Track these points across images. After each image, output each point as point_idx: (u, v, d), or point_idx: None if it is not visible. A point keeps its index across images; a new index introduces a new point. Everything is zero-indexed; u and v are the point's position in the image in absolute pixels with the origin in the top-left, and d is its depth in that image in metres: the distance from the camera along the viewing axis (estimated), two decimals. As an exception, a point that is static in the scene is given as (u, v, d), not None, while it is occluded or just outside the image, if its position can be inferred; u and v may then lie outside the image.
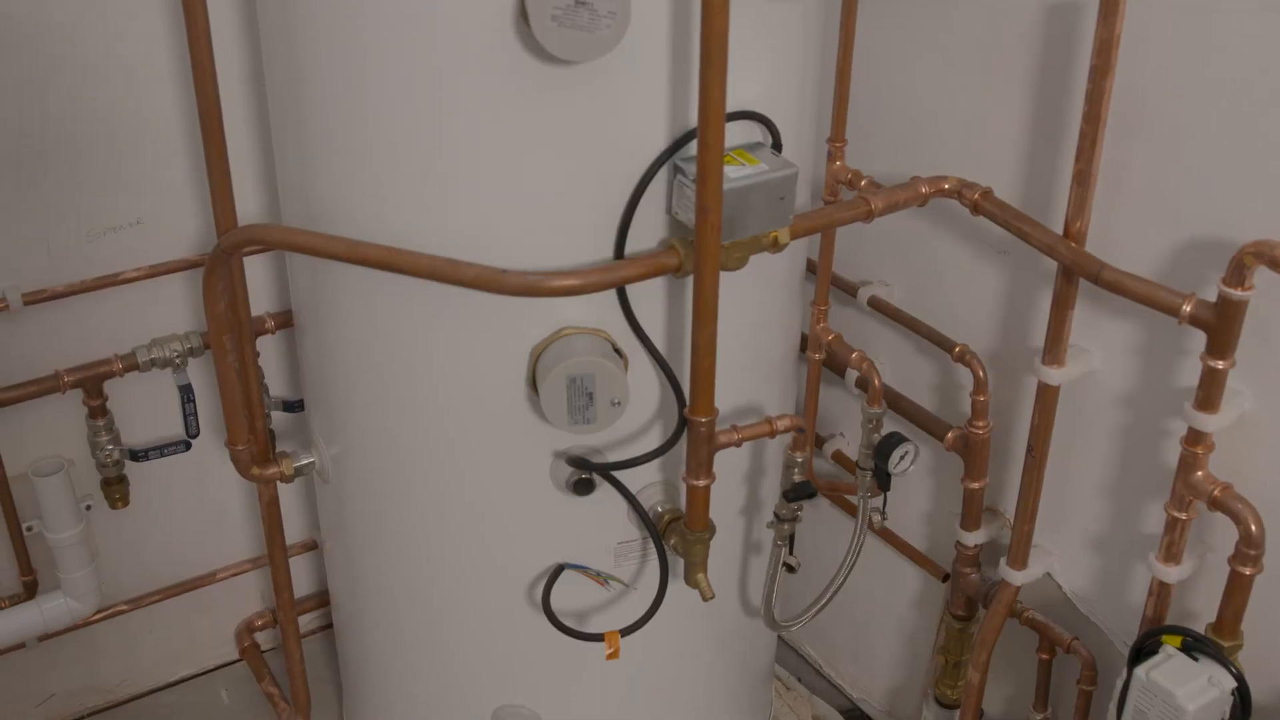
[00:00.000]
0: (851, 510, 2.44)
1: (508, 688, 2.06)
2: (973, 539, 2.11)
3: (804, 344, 2.18)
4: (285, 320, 2.37)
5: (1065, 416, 1.89)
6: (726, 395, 1.71)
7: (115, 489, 2.39)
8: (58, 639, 2.53)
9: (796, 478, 2.02)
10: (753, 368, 1.91)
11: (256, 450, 2.03)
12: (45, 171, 2.13)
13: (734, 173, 1.57)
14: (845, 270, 2.26)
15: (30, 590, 2.40)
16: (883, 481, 2.09)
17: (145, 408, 2.40)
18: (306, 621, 2.78)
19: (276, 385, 2.47)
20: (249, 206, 2.07)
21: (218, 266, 1.79)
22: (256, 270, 2.31)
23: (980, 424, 2.00)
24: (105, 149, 2.16)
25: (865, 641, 2.62)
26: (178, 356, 2.29)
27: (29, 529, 2.34)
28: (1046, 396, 1.86)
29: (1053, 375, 1.84)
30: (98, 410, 2.30)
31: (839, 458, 2.41)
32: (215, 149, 1.84)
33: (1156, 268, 1.74)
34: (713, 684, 2.24)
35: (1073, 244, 1.73)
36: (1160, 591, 1.81)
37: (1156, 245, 1.75)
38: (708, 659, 2.20)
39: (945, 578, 2.28)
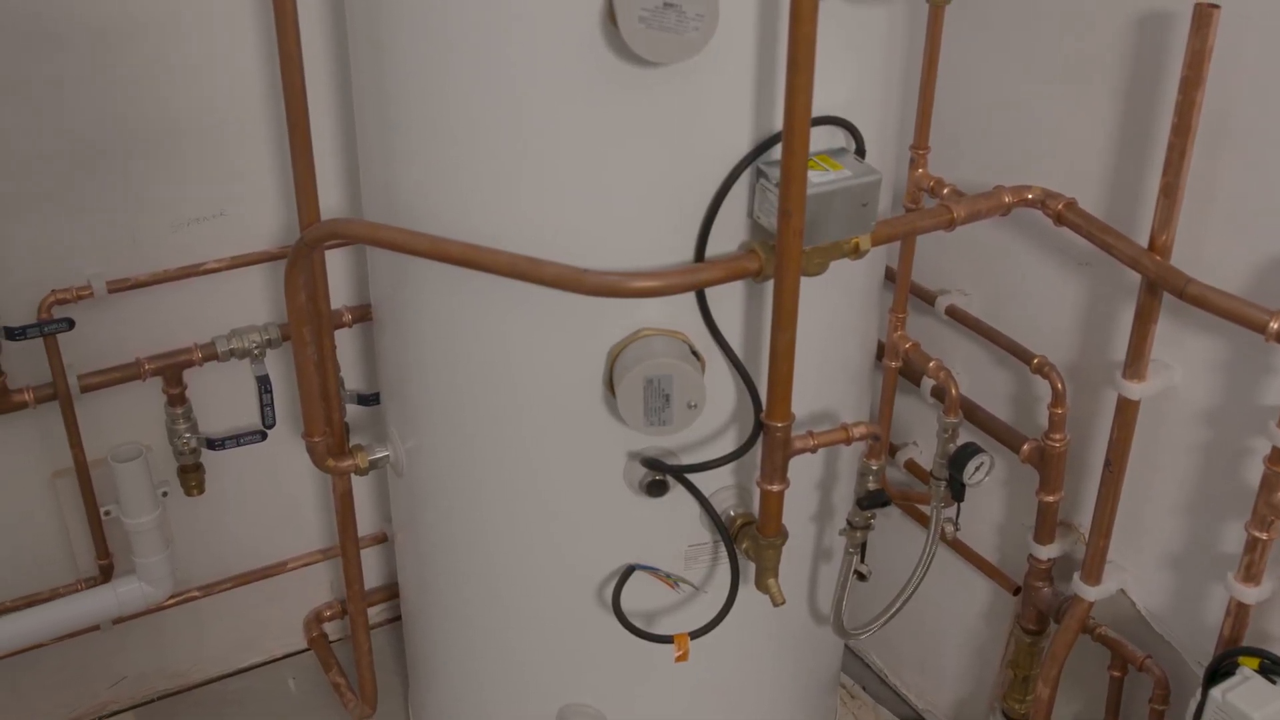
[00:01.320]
0: (922, 520, 2.43)
1: (574, 687, 2.06)
2: (1046, 553, 2.09)
3: (880, 351, 2.17)
4: (362, 314, 2.39)
5: (1144, 431, 1.87)
6: (802, 401, 1.70)
7: (191, 476, 2.43)
8: (131, 623, 2.57)
9: (871, 485, 2.01)
10: (829, 374, 1.90)
11: (332, 442, 2.05)
12: (133, 163, 2.16)
13: (817, 178, 1.56)
14: (923, 278, 2.25)
15: (106, 573, 2.44)
16: (956, 492, 2.07)
17: (223, 397, 2.43)
18: (374, 613, 2.80)
19: (351, 379, 2.50)
20: (330, 201, 2.09)
21: (300, 260, 1.81)
22: (335, 264, 2.33)
23: (1057, 437, 1.98)
24: (192, 142, 2.19)
25: (932, 652, 2.60)
26: (256, 347, 2.32)
27: (107, 513, 2.38)
28: (1126, 411, 1.84)
29: (1133, 390, 1.82)
30: (176, 398, 2.33)
31: (912, 467, 2.39)
32: (300, 143, 1.86)
33: (1244, 283, 1.72)
34: (778, 690, 2.24)
35: (1158, 257, 1.71)
36: (1238, 612, 1.78)
37: (1244, 260, 1.72)
38: (774, 664, 2.19)
39: (1016, 591, 2.26)
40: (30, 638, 2.40)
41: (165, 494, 2.40)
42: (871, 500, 1.99)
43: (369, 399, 2.47)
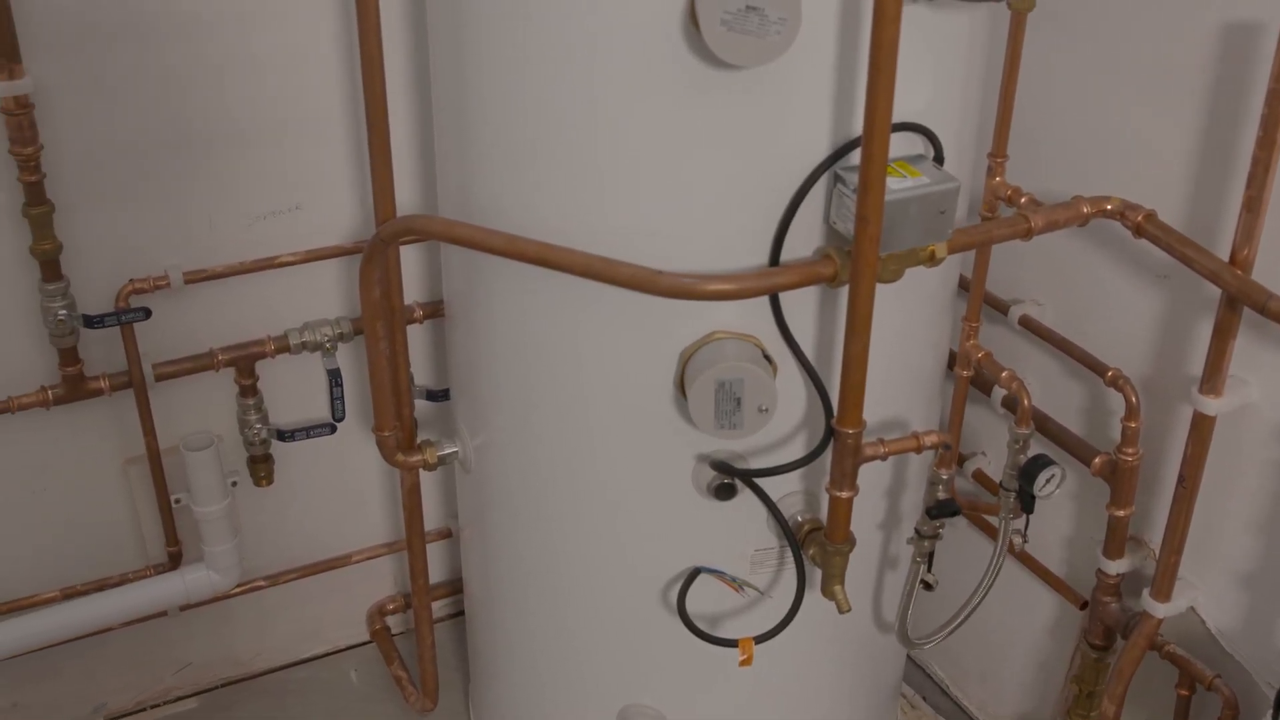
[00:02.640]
0: (989, 530, 2.41)
1: (635, 687, 2.06)
2: (1115, 568, 2.06)
3: (951, 360, 2.15)
4: (432, 311, 2.41)
5: (1219, 448, 1.84)
6: (872, 407, 1.69)
7: (261, 467, 2.45)
8: (197, 610, 2.60)
9: (940, 495, 2.00)
10: (900, 381, 1.89)
11: (402, 437, 2.06)
12: (213, 156, 2.18)
13: (895, 184, 1.55)
14: (997, 287, 2.23)
15: (175, 560, 2.47)
16: (1026, 504, 2.05)
17: (293, 389, 2.46)
18: (436, 608, 2.82)
19: (420, 374, 2.51)
20: (404, 197, 2.10)
21: (375, 255, 1.82)
22: (407, 260, 2.34)
23: (1130, 451, 1.96)
24: (270, 136, 2.21)
25: (995, 664, 2.58)
26: (328, 341, 2.34)
27: (177, 501, 2.41)
28: (1202, 427, 1.82)
29: (1210, 405, 1.80)
30: (248, 389, 2.36)
31: (980, 477, 2.38)
32: (379, 139, 1.87)
33: (1327, 300, 1.69)
34: (839, 697, 2.22)
35: (1239, 272, 1.68)
36: (1312, 633, 1.76)
37: (1328, 277, 1.70)
38: (836, 672, 2.18)
39: (1083, 605, 2.23)
40: (99, 621, 2.43)
41: (235, 484, 2.43)
42: (941, 510, 1.98)
43: (437, 395, 2.48)
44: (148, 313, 2.21)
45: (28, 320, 2.17)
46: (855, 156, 1.55)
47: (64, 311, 2.11)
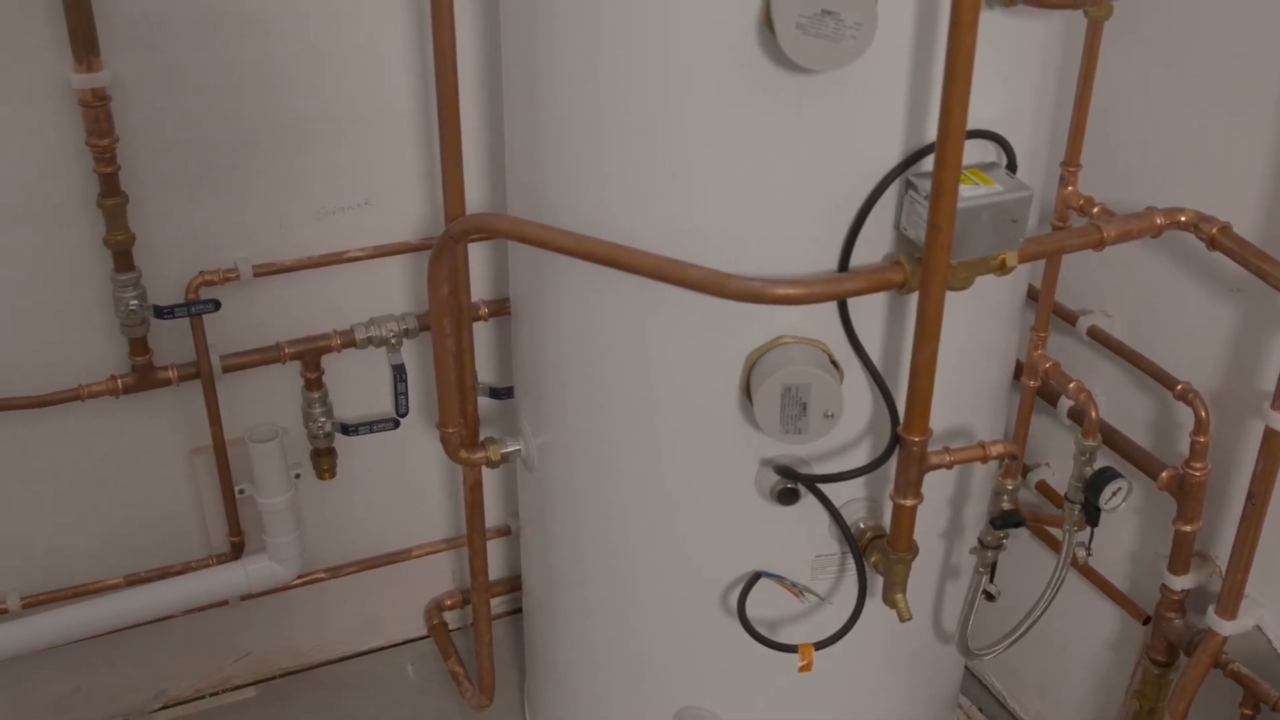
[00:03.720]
0: (1051, 542, 2.39)
1: (692, 690, 2.06)
2: (1180, 583, 2.04)
3: (1018, 370, 2.14)
4: (497, 309, 2.41)
5: (1291, 465, 1.82)
6: (938, 415, 1.68)
7: (324, 460, 2.47)
8: (258, 600, 2.62)
9: (1005, 505, 1.99)
10: (966, 390, 1.88)
11: (466, 434, 2.07)
12: (284, 150, 2.20)
13: (968, 191, 1.54)
14: (1066, 298, 2.21)
15: (237, 551, 2.50)
16: (1091, 517, 2.03)
17: (358, 384, 2.47)
18: (494, 605, 2.81)
19: (482, 372, 2.52)
20: (471, 195, 2.11)
21: (444, 252, 1.83)
22: (473, 258, 2.35)
23: (1198, 465, 1.94)
24: (340, 132, 2.23)
25: (1054, 677, 2.56)
26: (394, 336, 2.35)
27: (241, 492, 2.43)
28: (1273, 443, 1.79)
29: (1282, 421, 1.77)
30: (314, 383, 2.38)
31: (1043, 488, 2.36)
32: (450, 136, 1.88)
33: (1405, 318, 1.67)
34: (896, 705, 2.21)
35: (1316, 287, 1.66)
36: (1382, 656, 1.73)
37: (1407, 294, 1.67)
38: (895, 680, 2.17)
39: (1146, 620, 2.21)
40: (162, 609, 2.46)
41: (298, 476, 2.45)
42: (1005, 520, 1.96)
43: (500, 392, 2.49)
44: (217, 304, 2.23)
45: (100, 310, 2.20)
46: (928, 163, 1.55)
47: (135, 302, 2.14)
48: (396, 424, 2.49)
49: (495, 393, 2.49)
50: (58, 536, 2.40)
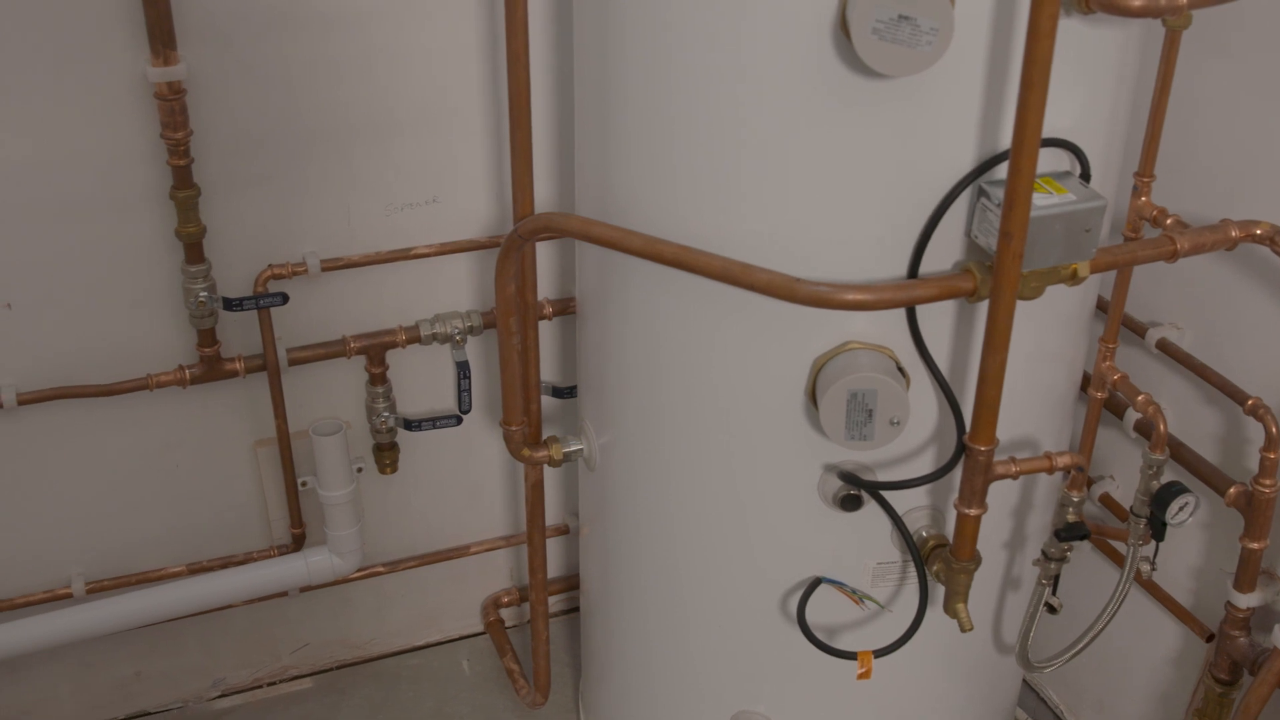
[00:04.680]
0: (1114, 555, 2.37)
1: (749, 694, 2.05)
2: (1246, 601, 2.01)
3: (1085, 381, 2.12)
4: (562, 308, 2.42)
5: (1364, 484, 1.80)
6: (1004, 425, 1.66)
7: (386, 455, 2.49)
8: (317, 592, 2.65)
9: (1070, 517, 1.97)
10: (1033, 400, 1.86)
11: (529, 432, 2.08)
12: (354, 146, 2.22)
13: (1041, 200, 1.53)
14: (1135, 309, 2.19)
15: (298, 542, 2.52)
16: (1157, 531, 2.01)
17: (421, 380, 2.49)
18: (550, 604, 2.83)
19: (545, 370, 2.53)
20: (539, 194, 2.12)
21: (512, 250, 1.84)
22: (539, 257, 2.36)
23: (1268, 482, 1.91)
24: (411, 129, 2.24)
25: (1113, 692, 2.53)
26: (458, 333, 2.36)
27: (303, 484, 2.45)
28: (1346, 461, 1.77)
29: (1355, 439, 1.75)
30: (378, 378, 2.39)
31: (1107, 501, 2.33)
32: (521, 136, 1.89)
33: None
34: (953, 716, 2.20)
35: (1394, 304, 1.64)
36: None
37: None
38: (952, 690, 2.15)
39: (1210, 638, 2.18)
40: (223, 598, 2.48)
41: (360, 470, 2.47)
42: (1070, 532, 1.94)
43: (563, 391, 2.49)
44: (285, 298, 2.25)
45: (169, 301, 2.23)
46: (1001, 170, 1.54)
47: (205, 293, 2.17)
48: (459, 420, 2.50)
49: (558, 391, 2.50)
50: (123, 523, 2.43)
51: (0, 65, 1.96)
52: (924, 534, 1.83)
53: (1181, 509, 1.98)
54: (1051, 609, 2.07)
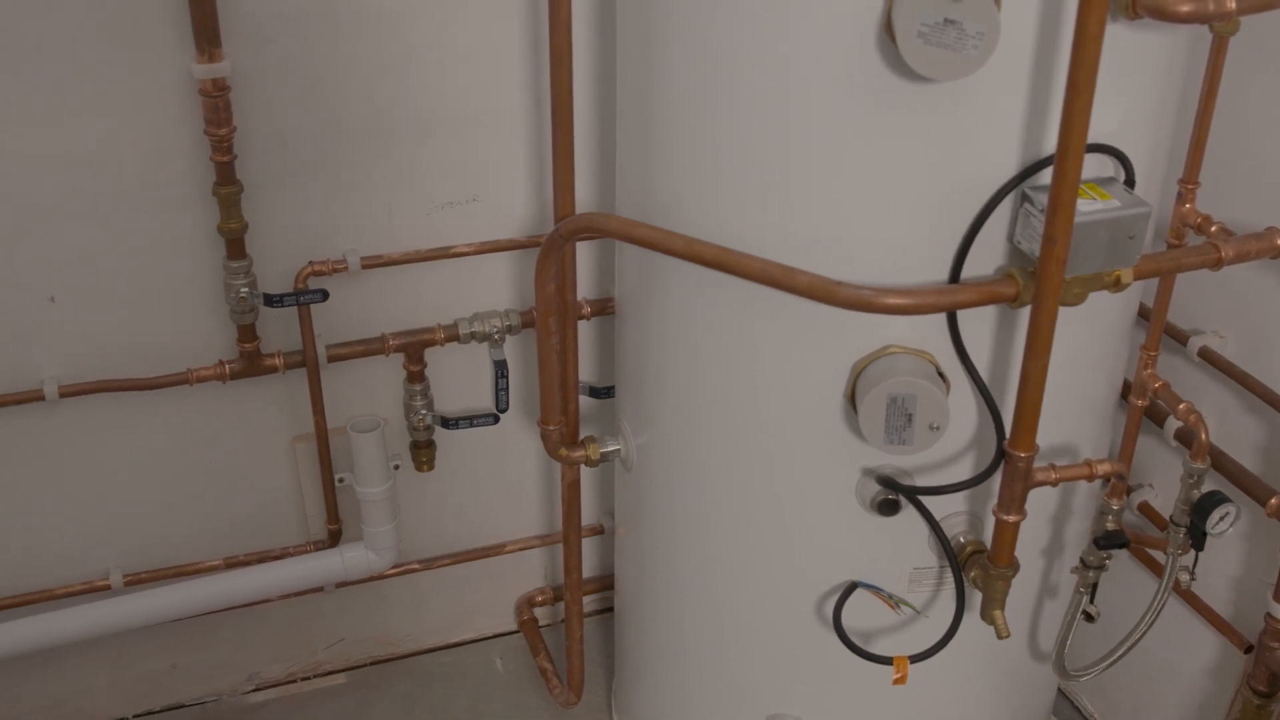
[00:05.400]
0: (1152, 564, 2.35)
1: (782, 697, 2.05)
2: (1286, 612, 2.00)
3: (1126, 388, 2.10)
4: (600, 308, 2.42)
5: None
6: (1043, 432, 1.66)
7: (423, 452, 2.49)
8: (353, 588, 2.66)
9: (1109, 525, 1.96)
10: (1073, 407, 1.85)
11: (566, 432, 2.08)
12: (396, 144, 2.23)
13: (1085, 206, 1.52)
14: (1177, 317, 2.17)
15: (334, 538, 2.53)
16: (1197, 541, 2.00)
17: (459, 378, 2.49)
18: (584, 604, 2.83)
19: (582, 370, 2.52)
20: (580, 194, 2.12)
21: (553, 250, 1.84)
22: (578, 257, 2.36)
23: (1310, 493, 1.90)
24: (452, 128, 2.24)
25: (1148, 702, 2.51)
26: (497, 332, 2.36)
27: (340, 480, 2.46)
28: (1390, 473, 1.76)
29: (1400, 451, 1.73)
30: (416, 375, 2.40)
31: (1146, 509, 2.32)
32: (563, 136, 1.89)
33: None
34: (987, 723, 2.20)
35: None
36: None
37: None
38: (986, 697, 2.14)
39: (1248, 649, 2.17)
40: (259, 592, 2.49)
41: (397, 467, 2.47)
42: (1110, 540, 1.93)
43: (600, 392, 2.49)
44: (325, 295, 2.26)
45: (210, 296, 2.24)
46: (1045, 176, 1.53)
47: (246, 289, 2.18)
48: (496, 419, 2.50)
49: (595, 392, 2.50)
50: (161, 517, 2.45)
51: (49, 62, 1.97)
52: (961, 540, 1.82)
53: (1222, 519, 1.97)
54: (1089, 617, 2.06)
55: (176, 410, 2.34)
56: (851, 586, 1.85)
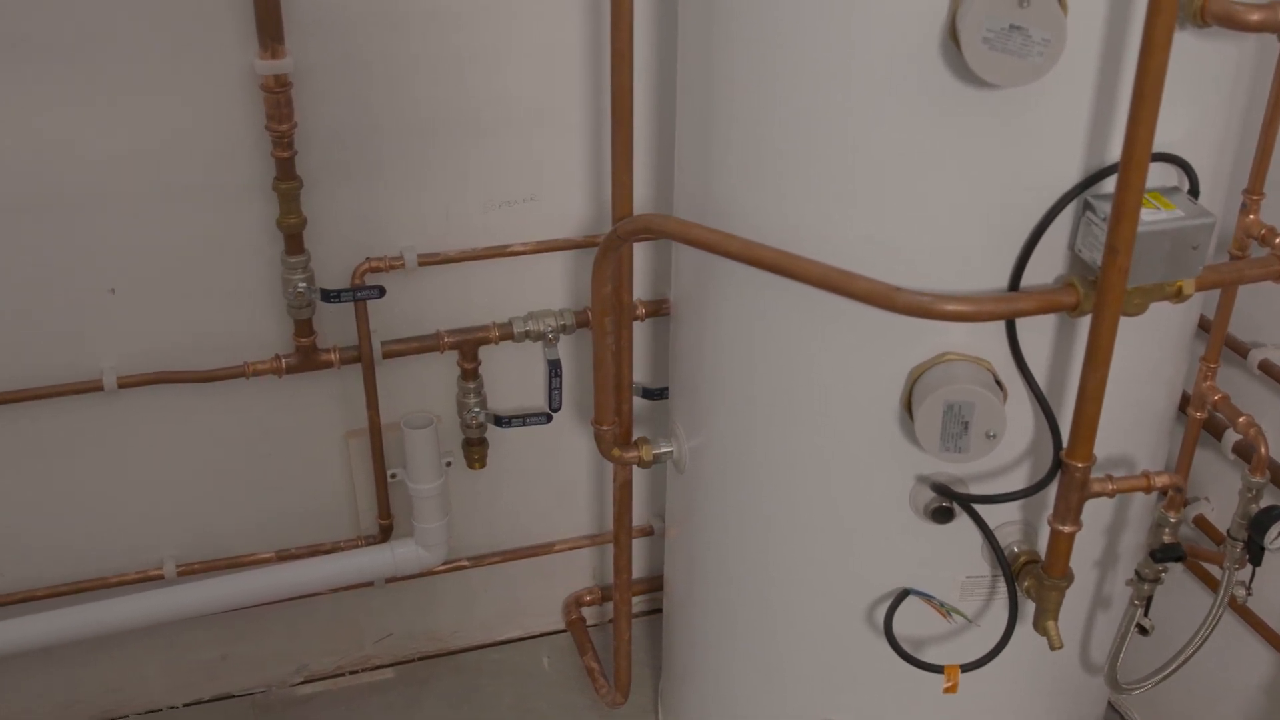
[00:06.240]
0: (1205, 577, 2.33)
1: (831, 703, 2.05)
2: (1343, 630, 1.98)
3: (1184, 400, 2.08)
4: (653, 309, 2.42)
5: None
6: (1100, 442, 1.64)
7: (475, 450, 2.50)
8: (402, 583, 2.67)
9: (1166, 538, 1.94)
10: (1130, 418, 1.84)
11: (619, 432, 2.08)
12: (455, 142, 2.23)
13: (1148, 215, 1.51)
14: (1238, 329, 2.15)
15: (385, 533, 2.54)
16: (1254, 556, 1.97)
17: (513, 376, 2.50)
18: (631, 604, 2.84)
19: (635, 371, 2.52)
20: (637, 194, 2.12)
21: (610, 251, 1.84)
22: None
23: (1371, 510, 1.87)
24: (511, 127, 2.25)
25: (1201, 718, 2.48)
26: (551, 332, 2.37)
27: (393, 476, 2.47)
28: None
29: None
30: (470, 373, 2.40)
31: (1201, 523, 2.29)
32: (622, 137, 1.90)
33: None
34: (1036, 734, 2.18)
35: None
36: None
37: None
38: (1037, 708, 2.13)
39: (1304, 666, 2.14)
40: (310, 585, 2.51)
41: (449, 464, 2.48)
42: (1166, 553, 1.91)
43: (653, 393, 2.49)
44: (382, 291, 2.27)
45: (268, 291, 2.26)
46: (1108, 184, 1.52)
47: (303, 284, 2.19)
48: (548, 418, 2.51)
49: (647, 393, 2.50)
50: (215, 508, 2.47)
51: (114, 57, 1.99)
52: (1015, 549, 1.81)
53: (1280, 534, 1.95)
54: (1143, 630, 2.04)
55: (232, 403, 2.36)
56: (903, 594, 1.85)
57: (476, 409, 2.43)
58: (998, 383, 1.66)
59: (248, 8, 1.98)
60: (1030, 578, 1.77)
